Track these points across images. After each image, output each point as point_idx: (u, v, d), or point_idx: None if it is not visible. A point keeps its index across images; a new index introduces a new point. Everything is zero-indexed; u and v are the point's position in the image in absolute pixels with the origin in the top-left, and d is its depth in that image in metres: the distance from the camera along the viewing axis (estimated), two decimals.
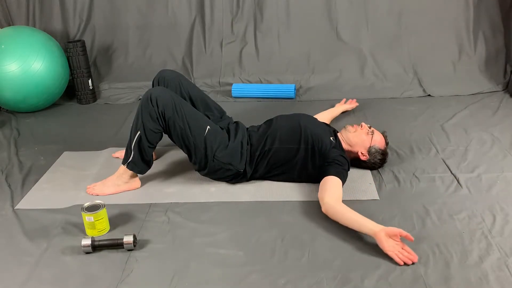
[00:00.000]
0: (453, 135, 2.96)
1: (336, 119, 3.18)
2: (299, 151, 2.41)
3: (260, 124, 2.62)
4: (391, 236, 1.88)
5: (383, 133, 2.58)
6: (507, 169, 2.53)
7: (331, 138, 2.44)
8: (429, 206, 2.24)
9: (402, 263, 1.84)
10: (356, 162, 2.55)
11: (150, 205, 2.35)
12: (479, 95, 3.59)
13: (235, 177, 2.46)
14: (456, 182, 2.43)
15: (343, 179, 2.29)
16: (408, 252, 1.86)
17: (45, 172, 2.71)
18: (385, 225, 2.09)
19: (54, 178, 2.66)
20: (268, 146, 2.44)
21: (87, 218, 2.12)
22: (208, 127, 2.40)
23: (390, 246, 1.87)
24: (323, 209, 2.14)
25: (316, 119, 2.61)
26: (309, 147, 2.40)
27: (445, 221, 2.13)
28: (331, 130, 2.55)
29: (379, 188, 2.41)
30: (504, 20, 3.83)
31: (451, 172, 2.53)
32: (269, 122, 2.57)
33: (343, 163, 2.34)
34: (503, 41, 3.84)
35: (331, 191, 2.19)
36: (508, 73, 3.74)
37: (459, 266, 1.85)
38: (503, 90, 3.66)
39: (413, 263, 1.84)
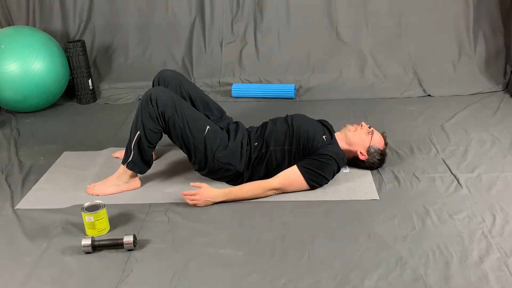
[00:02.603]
0: (453, 135, 2.95)
1: (335, 119, 3.15)
2: (293, 152, 2.41)
3: (258, 126, 2.62)
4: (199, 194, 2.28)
5: (382, 134, 2.58)
6: (507, 169, 2.53)
7: (324, 136, 2.44)
8: (429, 206, 2.24)
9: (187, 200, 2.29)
10: (354, 161, 2.55)
11: (150, 205, 2.35)
12: (479, 95, 3.59)
13: (234, 179, 2.46)
14: (456, 182, 2.43)
15: (307, 174, 2.33)
16: (194, 200, 2.30)
17: (45, 172, 2.71)
18: (385, 226, 2.11)
19: (54, 178, 2.66)
20: (264, 149, 2.43)
21: (87, 218, 2.12)
22: (208, 127, 2.40)
23: (198, 196, 2.29)
24: None
25: (310, 118, 2.59)
26: (301, 147, 2.40)
27: (445, 221, 2.13)
28: (325, 129, 2.53)
29: (379, 188, 2.41)
30: (504, 20, 3.83)
31: (451, 172, 2.53)
32: (265, 125, 2.57)
33: (325, 160, 2.35)
34: (503, 41, 3.84)
35: (278, 175, 2.37)
36: (508, 73, 3.74)
37: (459, 266, 1.85)
38: (503, 90, 3.66)
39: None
